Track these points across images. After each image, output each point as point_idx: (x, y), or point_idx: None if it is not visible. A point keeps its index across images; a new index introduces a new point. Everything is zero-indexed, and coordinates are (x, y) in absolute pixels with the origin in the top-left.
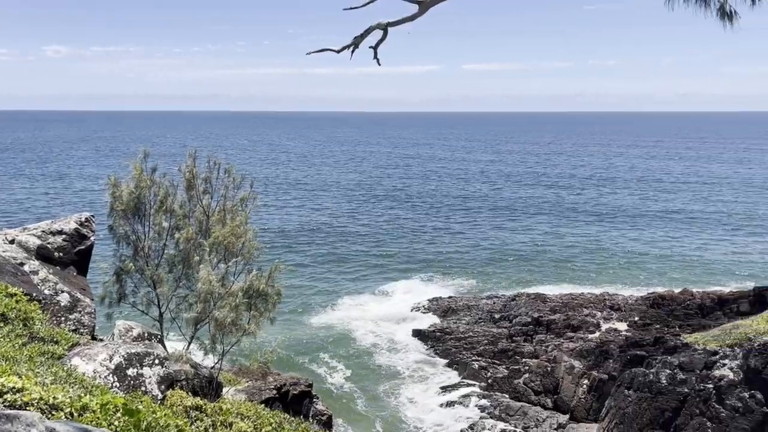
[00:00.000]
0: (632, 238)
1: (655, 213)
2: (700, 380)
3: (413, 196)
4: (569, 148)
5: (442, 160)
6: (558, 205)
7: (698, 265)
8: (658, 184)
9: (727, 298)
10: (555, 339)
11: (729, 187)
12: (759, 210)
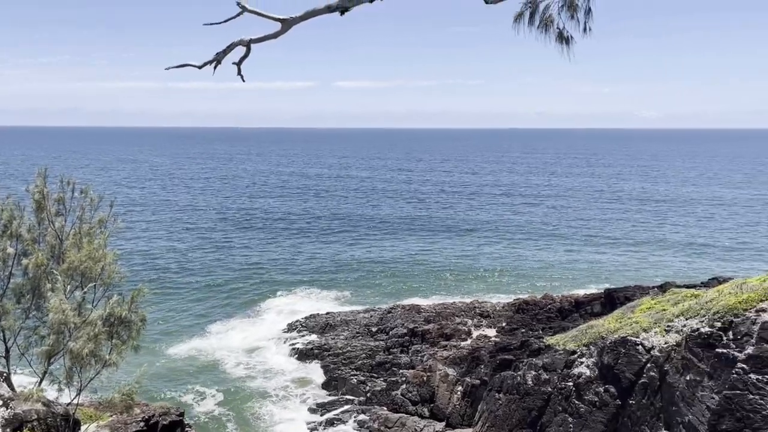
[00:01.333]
0: (498, 248)
1: (518, 225)
2: (562, 379)
3: (289, 213)
4: (438, 164)
5: (319, 176)
6: (430, 219)
7: (557, 272)
8: (521, 198)
9: (583, 301)
10: (430, 348)
11: (582, 200)
12: (608, 222)
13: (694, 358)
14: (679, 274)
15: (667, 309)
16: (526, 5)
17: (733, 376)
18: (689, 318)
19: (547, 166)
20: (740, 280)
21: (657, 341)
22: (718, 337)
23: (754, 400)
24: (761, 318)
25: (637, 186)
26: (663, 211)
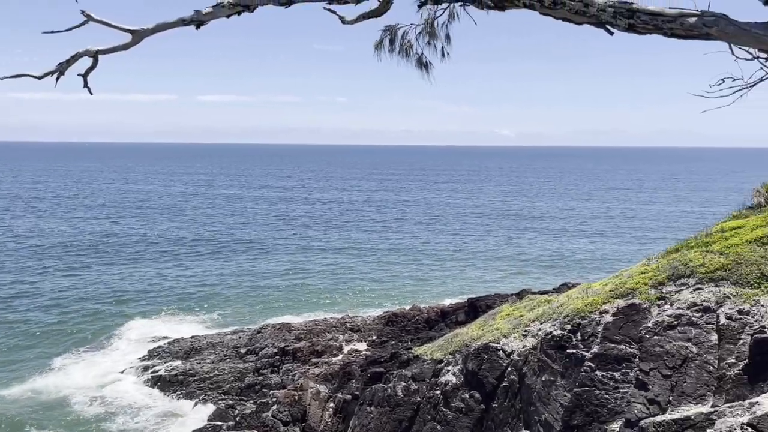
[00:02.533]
0: (368, 263)
1: (386, 241)
2: (430, 388)
3: (149, 234)
4: (307, 181)
5: (183, 194)
6: (300, 237)
7: (425, 284)
8: (391, 214)
9: (448, 310)
10: (301, 366)
11: (446, 215)
12: (469, 236)
13: (548, 359)
14: (535, 282)
15: (524, 315)
16: (384, 32)
17: (581, 374)
18: (543, 322)
19: (412, 182)
20: (586, 284)
21: (516, 346)
22: (568, 338)
23: (600, 395)
24: (604, 319)
25: (497, 200)
26: (519, 223)
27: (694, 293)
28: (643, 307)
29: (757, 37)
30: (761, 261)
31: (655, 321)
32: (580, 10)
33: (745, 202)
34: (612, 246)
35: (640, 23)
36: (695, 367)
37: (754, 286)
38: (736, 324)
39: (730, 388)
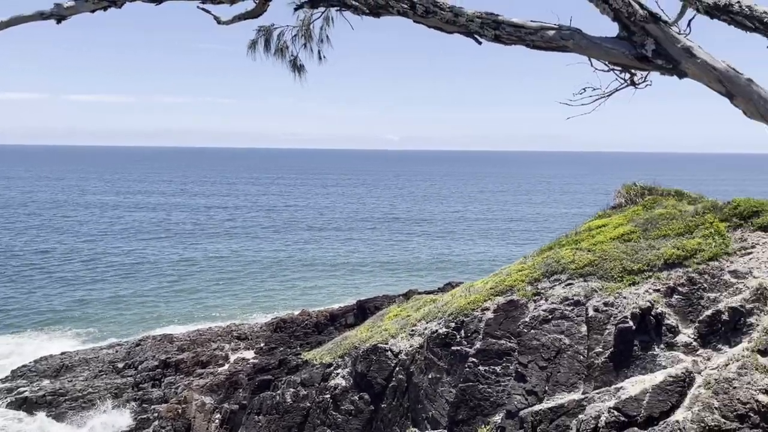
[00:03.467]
0: (254, 269)
1: (272, 249)
2: (320, 392)
3: (12, 246)
4: (191, 186)
5: (55, 202)
6: (181, 244)
7: (315, 290)
8: (282, 219)
9: (337, 314)
10: (185, 378)
11: (334, 220)
12: (359, 241)
13: (434, 357)
14: (422, 283)
15: (411, 315)
16: (259, 33)
17: (466, 370)
18: (429, 321)
19: (300, 187)
20: (469, 283)
21: (403, 345)
22: (453, 336)
23: (483, 389)
24: (486, 316)
25: (384, 203)
26: (406, 227)
27: (566, 288)
28: (520, 303)
29: (607, 51)
30: (623, 256)
31: (532, 316)
32: (451, 19)
33: (609, 202)
34: (493, 246)
35: (505, 34)
36: (568, 357)
37: (618, 280)
38: (602, 315)
39: (598, 375)
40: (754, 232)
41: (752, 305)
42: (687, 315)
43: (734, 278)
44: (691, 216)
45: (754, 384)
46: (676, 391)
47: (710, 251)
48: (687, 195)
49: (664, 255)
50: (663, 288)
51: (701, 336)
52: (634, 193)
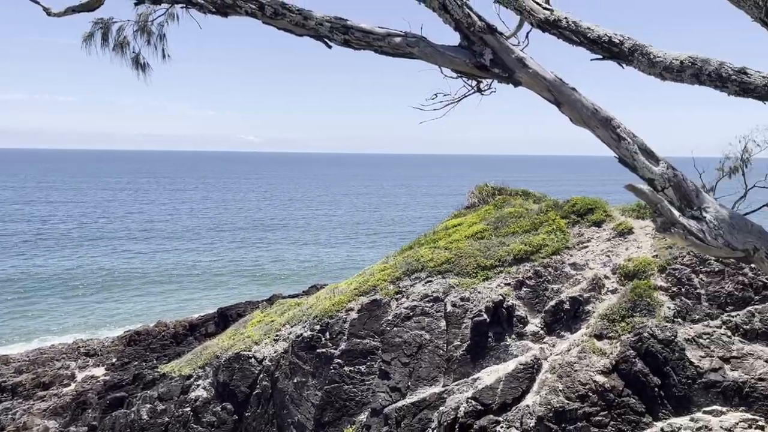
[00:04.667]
0: (103, 280)
1: (134, 255)
2: (179, 406)
3: None
4: (34, 192)
5: None
6: (18, 255)
7: (172, 298)
8: (138, 226)
9: (197, 323)
10: (24, 403)
11: (193, 228)
12: (223, 247)
13: (299, 361)
14: (288, 287)
15: (275, 319)
16: (96, 25)
17: (331, 372)
18: (294, 325)
19: (154, 192)
20: (333, 285)
21: (268, 351)
22: (318, 338)
23: (348, 389)
24: (350, 316)
25: (250, 207)
26: (270, 230)
27: (426, 285)
28: (383, 302)
29: (450, 59)
30: (477, 253)
31: (395, 314)
32: (300, 22)
33: (463, 202)
34: (359, 248)
35: (354, 39)
36: (428, 352)
37: (473, 276)
38: (459, 310)
39: (457, 368)
40: (589, 228)
41: (589, 294)
42: (534, 306)
43: (574, 270)
44: (536, 214)
45: (592, 366)
46: (526, 378)
47: (553, 246)
48: (532, 194)
49: (513, 251)
50: (513, 282)
51: (547, 325)
52: (486, 194)
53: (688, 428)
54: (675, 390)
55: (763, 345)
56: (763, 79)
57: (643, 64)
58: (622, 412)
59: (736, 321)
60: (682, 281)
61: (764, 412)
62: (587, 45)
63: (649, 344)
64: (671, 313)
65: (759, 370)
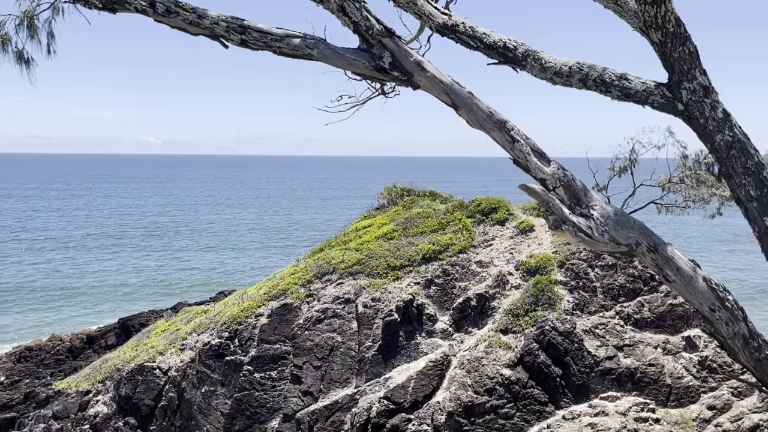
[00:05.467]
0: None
1: (26, 264)
2: (76, 424)
3: None
4: None
5: None
6: None
7: (69, 310)
8: (32, 234)
9: (96, 335)
10: None
11: (93, 235)
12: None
13: (207, 370)
14: (194, 294)
15: (181, 328)
16: None
17: (241, 379)
18: (201, 333)
19: (46, 199)
20: (242, 290)
21: (173, 362)
22: (226, 346)
23: (259, 396)
24: (260, 322)
25: (152, 213)
26: (176, 236)
27: (337, 287)
28: (294, 305)
29: (350, 61)
30: (387, 254)
31: (306, 317)
32: (195, 21)
33: (373, 203)
34: (268, 252)
35: (251, 40)
36: (341, 354)
37: (383, 276)
38: (371, 311)
39: (369, 368)
40: (494, 226)
41: (494, 290)
42: (443, 304)
43: (480, 268)
44: (443, 214)
45: (498, 360)
46: (437, 375)
47: (460, 245)
48: (439, 195)
49: (422, 250)
50: (422, 281)
51: (455, 322)
52: (394, 195)
53: (587, 414)
54: (575, 379)
55: (652, 332)
56: (642, 85)
57: (536, 68)
58: (527, 403)
59: (627, 311)
60: (579, 275)
61: (654, 395)
62: (484, 50)
63: (551, 336)
64: (570, 306)
65: (648, 356)
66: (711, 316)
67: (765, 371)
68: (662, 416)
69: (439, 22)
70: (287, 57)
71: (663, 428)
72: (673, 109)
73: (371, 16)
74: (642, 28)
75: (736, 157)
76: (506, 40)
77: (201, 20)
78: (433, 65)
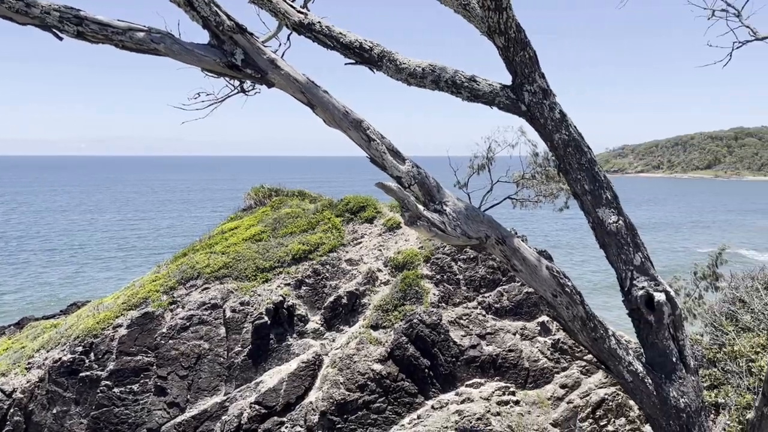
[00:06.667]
0: None
1: None
2: None
3: None
4: None
5: None
6: None
7: None
8: None
9: None
10: None
11: None
12: None
13: (59, 389)
14: (41, 307)
15: (27, 345)
16: None
17: (99, 395)
18: (51, 349)
19: None
20: (97, 300)
21: (19, 382)
22: (81, 361)
23: (120, 411)
24: (119, 333)
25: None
26: (23, 245)
27: (203, 293)
28: (156, 314)
29: (200, 58)
30: (256, 256)
31: (170, 326)
32: (22, 9)
33: (240, 205)
34: (127, 259)
35: (89, 32)
36: (208, 362)
37: (252, 279)
38: (239, 315)
39: (239, 374)
40: (362, 225)
41: (364, 287)
42: (314, 303)
43: (350, 266)
44: (313, 213)
45: (369, 356)
46: (309, 375)
47: (330, 244)
48: (308, 194)
49: (291, 251)
50: (293, 281)
51: (327, 321)
52: (262, 195)
53: (454, 402)
54: (442, 369)
55: (511, 320)
56: (489, 87)
57: (391, 69)
58: (398, 396)
59: (488, 301)
60: (444, 269)
61: (514, 379)
62: (340, 49)
63: (419, 329)
64: (436, 298)
65: (508, 343)
66: (553, 301)
67: (600, 349)
68: (521, 398)
69: (295, 20)
70: (131, 51)
71: (522, 409)
72: (517, 110)
73: (221, 11)
74: (487, 32)
75: (572, 155)
76: (362, 41)
77: (30, 9)
78: (287, 63)
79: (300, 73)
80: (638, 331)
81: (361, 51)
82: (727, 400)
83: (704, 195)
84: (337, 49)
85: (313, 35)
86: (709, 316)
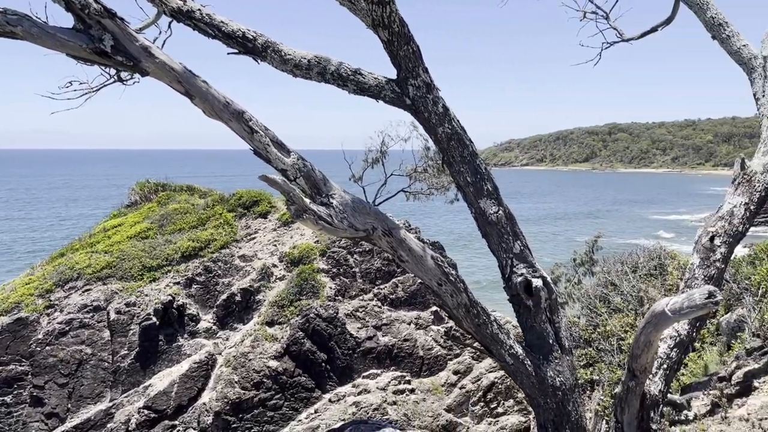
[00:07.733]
0: None
1: None
2: None
3: None
4: None
5: None
6: None
7: None
8: None
9: None
10: None
11: None
12: None
13: None
14: None
15: None
16: None
17: None
18: None
19: None
20: None
21: None
22: None
23: None
24: None
25: None
26: None
27: (84, 295)
28: (31, 319)
29: (63, 42)
30: (142, 254)
31: (46, 331)
32: None
33: (123, 201)
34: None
35: None
36: (91, 367)
37: (138, 279)
38: (125, 317)
39: (125, 379)
40: (256, 219)
41: (259, 284)
42: (206, 302)
43: (243, 262)
44: (203, 209)
45: (265, 353)
46: (201, 375)
47: (222, 240)
48: (198, 189)
49: (181, 248)
50: (183, 280)
51: (219, 319)
52: (148, 190)
53: (351, 394)
54: (339, 362)
55: (406, 310)
56: (375, 80)
57: (276, 60)
58: (294, 392)
59: (384, 292)
60: (340, 262)
61: (410, 367)
62: (222, 39)
63: (316, 323)
64: (333, 292)
65: (403, 333)
66: (439, 290)
67: (484, 335)
68: (417, 386)
69: (173, 6)
70: None
71: (417, 397)
72: (402, 103)
73: None
74: (372, 26)
75: (455, 148)
76: (245, 30)
77: None
78: (163, 51)
79: (177, 62)
80: (518, 315)
81: (244, 41)
82: (600, 376)
83: (583, 188)
84: (218, 38)
85: (193, 23)
86: (585, 299)
